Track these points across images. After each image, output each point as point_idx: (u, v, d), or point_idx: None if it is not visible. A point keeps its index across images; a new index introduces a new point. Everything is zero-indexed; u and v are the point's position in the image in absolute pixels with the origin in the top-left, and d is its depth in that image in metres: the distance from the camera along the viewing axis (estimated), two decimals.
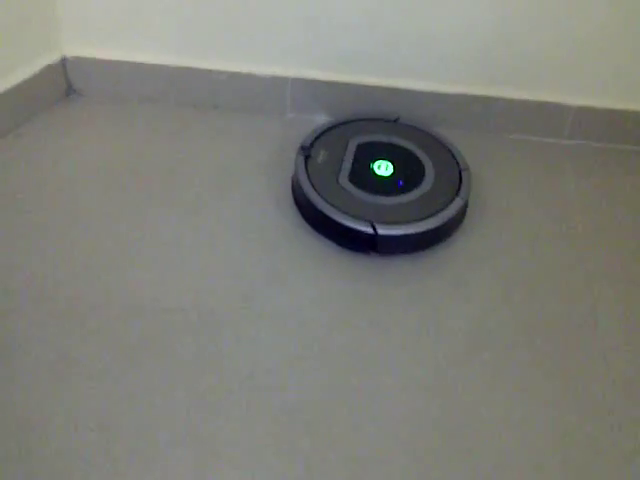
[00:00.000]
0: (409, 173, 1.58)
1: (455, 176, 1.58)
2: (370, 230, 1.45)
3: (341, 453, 1.20)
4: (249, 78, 1.74)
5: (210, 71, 1.74)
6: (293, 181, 1.60)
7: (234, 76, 1.74)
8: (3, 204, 1.53)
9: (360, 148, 1.62)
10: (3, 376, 1.26)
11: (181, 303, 1.37)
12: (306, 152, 1.58)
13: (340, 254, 1.50)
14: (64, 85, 1.77)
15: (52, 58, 1.71)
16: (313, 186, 1.52)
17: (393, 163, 1.59)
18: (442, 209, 1.50)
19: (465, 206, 1.56)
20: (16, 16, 1.58)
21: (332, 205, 1.49)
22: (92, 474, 1.15)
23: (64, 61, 1.73)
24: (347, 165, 1.57)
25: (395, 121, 1.70)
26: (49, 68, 1.71)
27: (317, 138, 1.64)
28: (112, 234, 1.49)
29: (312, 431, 1.22)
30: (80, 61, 1.73)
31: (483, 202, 1.63)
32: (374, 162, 1.58)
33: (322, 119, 1.78)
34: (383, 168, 1.58)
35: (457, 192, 1.54)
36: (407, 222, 1.47)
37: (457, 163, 1.61)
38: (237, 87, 1.76)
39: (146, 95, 1.79)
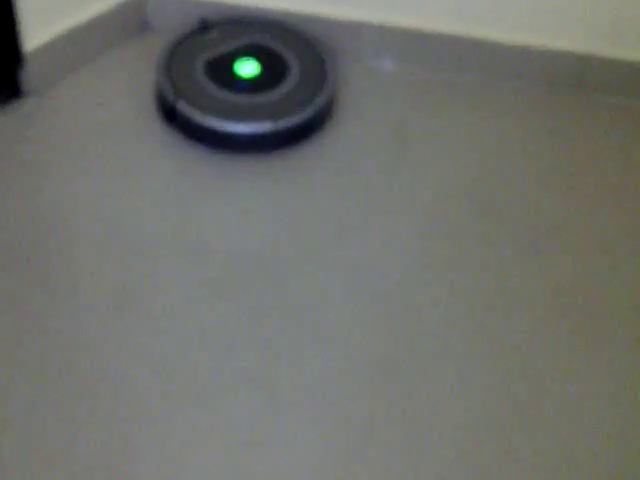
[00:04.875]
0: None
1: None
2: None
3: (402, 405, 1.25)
4: None
5: None
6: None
7: None
8: (68, 139, 1.55)
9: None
10: (68, 305, 1.31)
11: (250, 247, 1.42)
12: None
13: None
14: (139, 21, 1.74)
15: None
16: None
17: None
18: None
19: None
20: None
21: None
22: (148, 411, 1.20)
23: None
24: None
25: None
26: (126, 2, 1.68)
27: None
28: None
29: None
30: None
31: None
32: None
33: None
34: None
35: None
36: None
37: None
38: None
39: None
